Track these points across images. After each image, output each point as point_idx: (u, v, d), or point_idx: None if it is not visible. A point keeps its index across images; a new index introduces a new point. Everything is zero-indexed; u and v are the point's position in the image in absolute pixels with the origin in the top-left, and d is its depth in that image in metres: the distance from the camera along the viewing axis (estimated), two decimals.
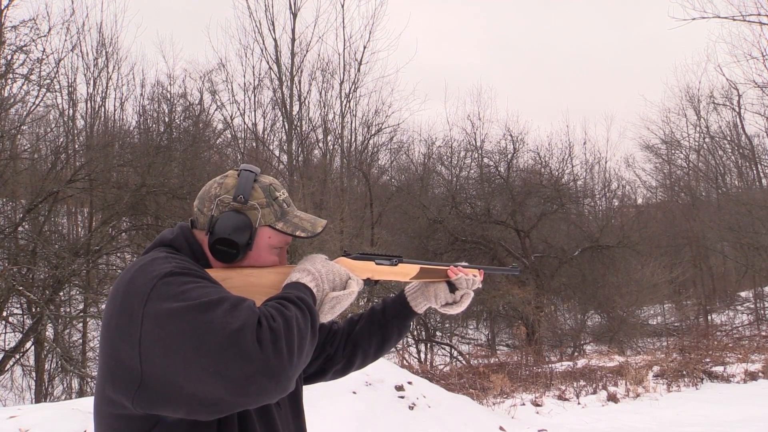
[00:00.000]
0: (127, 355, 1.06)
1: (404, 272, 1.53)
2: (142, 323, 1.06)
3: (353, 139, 19.77)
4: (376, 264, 1.49)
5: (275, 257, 1.34)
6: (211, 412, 1.05)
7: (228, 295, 1.10)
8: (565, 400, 8.90)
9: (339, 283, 1.31)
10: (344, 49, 18.91)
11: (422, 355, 16.19)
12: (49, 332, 10.88)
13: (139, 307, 1.07)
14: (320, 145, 19.41)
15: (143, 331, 1.05)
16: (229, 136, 19.98)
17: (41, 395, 10.68)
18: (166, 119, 17.60)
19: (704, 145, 25.00)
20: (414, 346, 16.23)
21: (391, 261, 1.52)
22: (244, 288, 1.25)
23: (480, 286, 1.65)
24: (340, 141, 19.14)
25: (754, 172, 24.13)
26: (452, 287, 1.61)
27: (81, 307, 12.14)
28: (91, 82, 16.85)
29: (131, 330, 1.06)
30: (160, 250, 1.25)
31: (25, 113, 11.95)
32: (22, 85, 11.37)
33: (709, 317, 21.21)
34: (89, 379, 10.06)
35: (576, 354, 15.76)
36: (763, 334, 16.10)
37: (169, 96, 18.70)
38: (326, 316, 1.27)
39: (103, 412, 1.15)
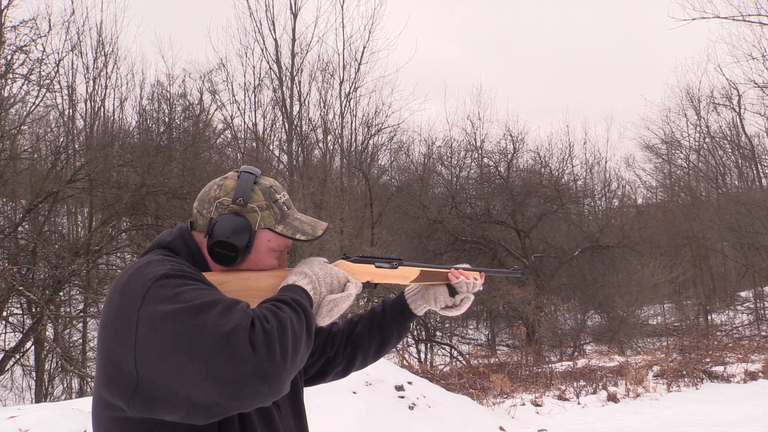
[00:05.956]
0: (123, 359, 1.06)
1: (404, 275, 1.53)
2: (137, 326, 1.05)
3: (353, 139, 19.77)
4: (376, 267, 1.48)
5: (275, 260, 1.33)
6: (206, 416, 1.04)
7: (222, 298, 1.10)
8: (565, 400, 8.90)
9: (337, 286, 1.30)
10: (344, 49, 18.92)
11: (422, 355, 16.18)
12: (49, 332, 10.88)
13: (134, 310, 1.07)
14: (320, 145, 19.43)
15: (138, 334, 1.05)
16: (229, 136, 19.98)
17: (41, 395, 10.67)
18: (166, 119, 17.59)
19: (704, 145, 25.00)
20: (414, 346, 16.22)
21: (391, 264, 1.51)
22: (243, 291, 1.24)
23: (481, 288, 1.64)
24: (340, 141, 19.15)
25: (754, 172, 24.13)
26: (452, 290, 1.60)
27: (81, 307, 12.13)
28: (91, 82, 16.86)
29: (127, 333, 1.06)
30: (158, 252, 1.25)
31: (25, 113, 11.95)
32: (22, 85, 11.39)
33: (709, 317, 21.20)
34: (89, 379, 10.05)
35: (576, 354, 15.76)
36: (763, 334, 16.09)
37: (168, 96, 18.68)
38: (324, 319, 1.27)
39: (100, 415, 1.15)
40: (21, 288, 9.62)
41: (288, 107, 18.11)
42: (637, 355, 13.98)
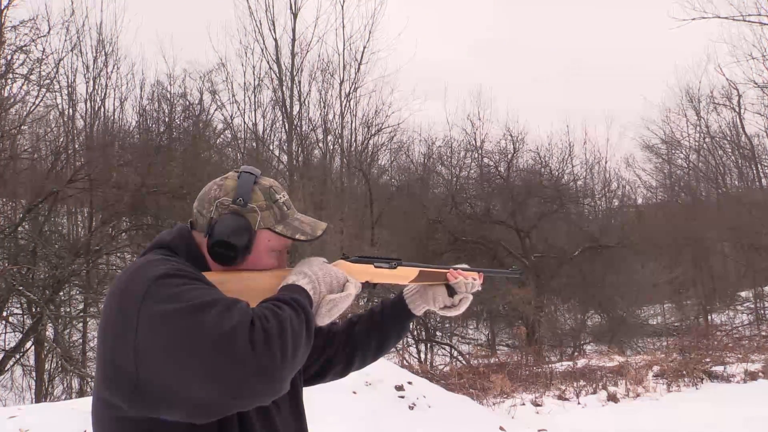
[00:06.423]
0: (123, 358, 1.07)
1: (403, 275, 1.53)
2: (136, 326, 1.06)
3: (353, 139, 19.79)
4: (375, 267, 1.48)
5: (274, 260, 1.34)
6: (206, 415, 1.05)
7: (221, 297, 1.10)
8: (565, 400, 8.90)
9: (336, 286, 1.30)
10: (344, 49, 18.97)
11: (422, 355, 16.18)
12: (49, 332, 10.89)
13: (134, 309, 1.07)
14: (320, 145, 19.45)
15: (138, 333, 1.05)
16: (229, 136, 19.98)
17: (41, 395, 10.68)
18: (166, 119, 17.60)
19: (704, 145, 25.01)
20: (414, 346, 16.21)
21: (390, 264, 1.51)
22: (242, 291, 1.24)
23: (479, 289, 1.64)
24: (340, 141, 19.17)
25: (754, 172, 24.12)
26: (451, 290, 1.60)
27: (81, 307, 12.14)
28: (91, 82, 16.85)
29: (126, 333, 1.07)
30: (157, 252, 1.25)
31: (25, 113, 11.98)
32: (22, 85, 11.41)
33: (709, 317, 21.19)
34: (89, 379, 10.06)
35: (576, 354, 15.75)
36: (763, 334, 16.08)
37: (169, 96, 18.67)
38: (323, 319, 1.27)
39: (100, 414, 1.15)
40: (21, 288, 9.63)
41: (288, 107, 18.14)
42: (637, 355, 13.98)
